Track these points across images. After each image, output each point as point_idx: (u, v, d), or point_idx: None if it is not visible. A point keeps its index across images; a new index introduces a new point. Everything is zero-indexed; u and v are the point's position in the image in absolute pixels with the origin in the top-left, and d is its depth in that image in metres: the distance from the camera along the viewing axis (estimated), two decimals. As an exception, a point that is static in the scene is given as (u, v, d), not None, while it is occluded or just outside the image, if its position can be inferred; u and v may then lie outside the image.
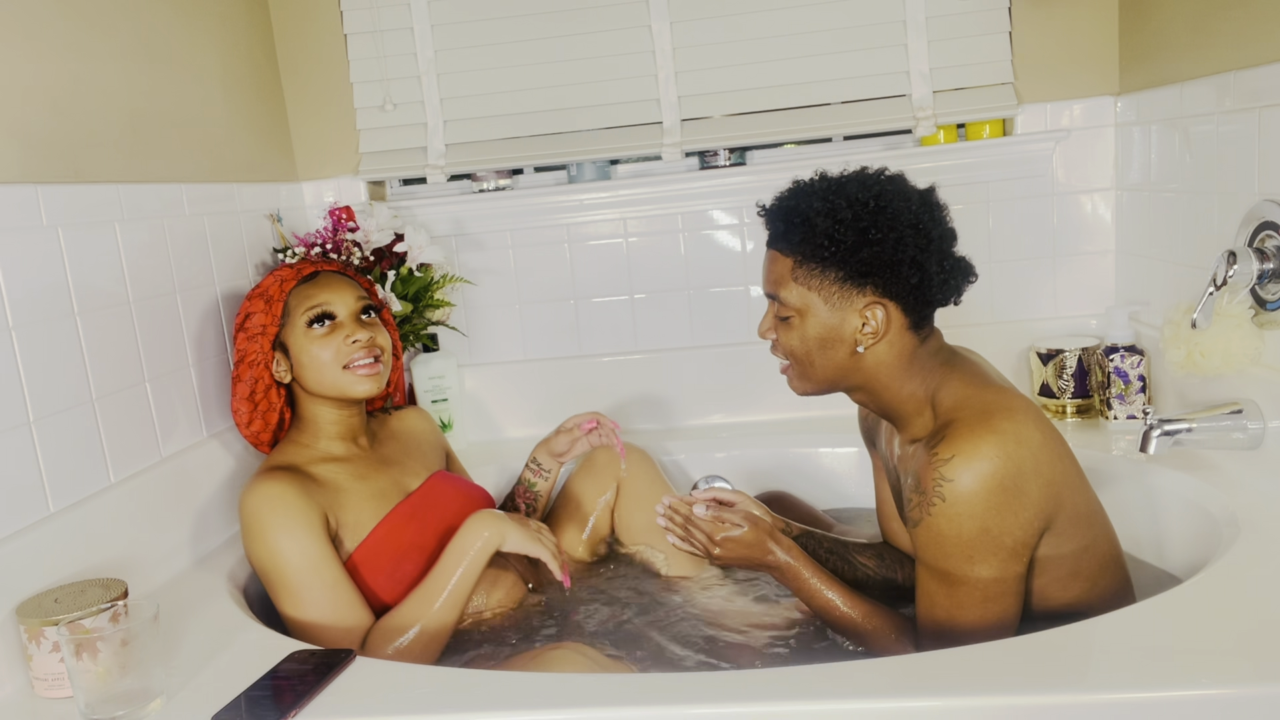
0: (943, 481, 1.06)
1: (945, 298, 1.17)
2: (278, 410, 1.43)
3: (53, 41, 1.29)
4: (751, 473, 1.82)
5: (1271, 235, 1.31)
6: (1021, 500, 1.06)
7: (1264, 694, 0.86)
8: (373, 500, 1.36)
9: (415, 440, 1.55)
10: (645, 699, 0.94)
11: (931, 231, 1.14)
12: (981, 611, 1.09)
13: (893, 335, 1.16)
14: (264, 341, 1.39)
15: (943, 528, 1.07)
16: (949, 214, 1.19)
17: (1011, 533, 1.06)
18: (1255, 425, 1.33)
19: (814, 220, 1.14)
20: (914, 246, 1.12)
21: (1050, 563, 1.12)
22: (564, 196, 1.98)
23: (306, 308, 1.38)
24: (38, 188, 1.21)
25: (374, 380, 1.38)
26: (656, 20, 1.91)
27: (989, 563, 1.07)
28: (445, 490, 1.45)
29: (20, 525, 1.13)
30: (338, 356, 1.36)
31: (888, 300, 1.15)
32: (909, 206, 1.14)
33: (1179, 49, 1.59)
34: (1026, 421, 1.09)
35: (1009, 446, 1.06)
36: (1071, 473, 1.13)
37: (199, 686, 1.03)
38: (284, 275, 1.42)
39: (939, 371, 1.18)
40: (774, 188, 1.92)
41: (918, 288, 1.14)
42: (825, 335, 1.17)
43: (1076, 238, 1.90)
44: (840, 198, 1.14)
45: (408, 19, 1.95)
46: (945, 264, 1.15)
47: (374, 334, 1.39)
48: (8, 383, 1.13)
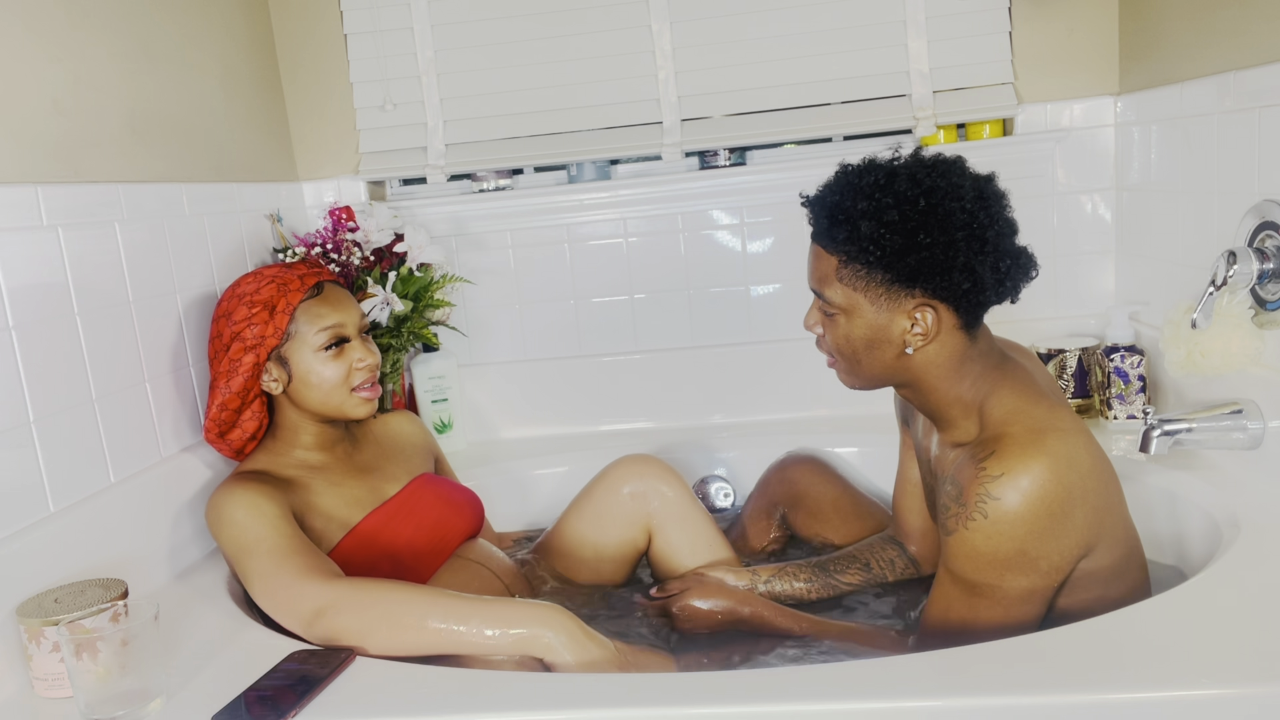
0: (988, 499, 1.03)
1: (1001, 298, 1.12)
2: (259, 419, 1.39)
3: (53, 41, 1.29)
4: (752, 473, 1.82)
5: (1271, 235, 1.31)
6: (1065, 526, 1.03)
7: (1264, 694, 0.86)
8: (345, 508, 1.34)
9: (398, 444, 1.52)
10: (645, 699, 0.94)
11: (986, 233, 1.07)
12: (999, 621, 1.07)
13: (944, 336, 1.12)
14: (261, 353, 1.34)
15: (979, 544, 1.04)
16: (1008, 204, 1.12)
17: (1049, 557, 1.04)
18: (1255, 425, 1.33)
19: (858, 222, 1.08)
20: (966, 251, 1.06)
21: (1080, 583, 1.10)
22: (564, 196, 1.98)
23: (321, 328, 1.35)
24: (38, 188, 1.21)
25: (374, 404, 1.39)
26: (656, 20, 1.91)
27: (1019, 582, 1.05)
28: (425, 495, 1.42)
29: (20, 525, 1.13)
30: (346, 379, 1.35)
31: (938, 302, 1.10)
32: (962, 205, 1.07)
33: (1179, 49, 1.59)
34: (1079, 444, 1.05)
35: (1060, 469, 1.02)
36: (1116, 497, 1.11)
37: (199, 686, 1.03)
38: (288, 285, 1.36)
39: (990, 376, 1.14)
40: (774, 187, 1.94)
41: (970, 292, 1.09)
42: (872, 336, 1.13)
43: (1076, 238, 1.90)
44: (888, 195, 1.08)
45: (408, 19, 1.95)
46: (1001, 265, 1.09)
47: (375, 356, 1.39)
48: (8, 383, 1.13)
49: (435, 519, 1.39)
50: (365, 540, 1.32)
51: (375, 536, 1.33)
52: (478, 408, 2.05)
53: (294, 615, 1.14)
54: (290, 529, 1.22)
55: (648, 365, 2.02)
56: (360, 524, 1.33)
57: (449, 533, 1.40)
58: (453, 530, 1.41)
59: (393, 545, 1.33)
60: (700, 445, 1.89)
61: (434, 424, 1.96)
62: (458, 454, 1.94)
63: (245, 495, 1.24)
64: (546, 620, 1.09)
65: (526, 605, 1.12)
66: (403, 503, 1.39)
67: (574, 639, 1.09)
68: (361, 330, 1.40)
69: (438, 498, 1.43)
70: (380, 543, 1.33)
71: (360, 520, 1.34)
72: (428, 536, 1.37)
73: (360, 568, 1.29)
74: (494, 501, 1.73)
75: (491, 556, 1.43)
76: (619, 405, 2.02)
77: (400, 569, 1.32)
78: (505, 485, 1.84)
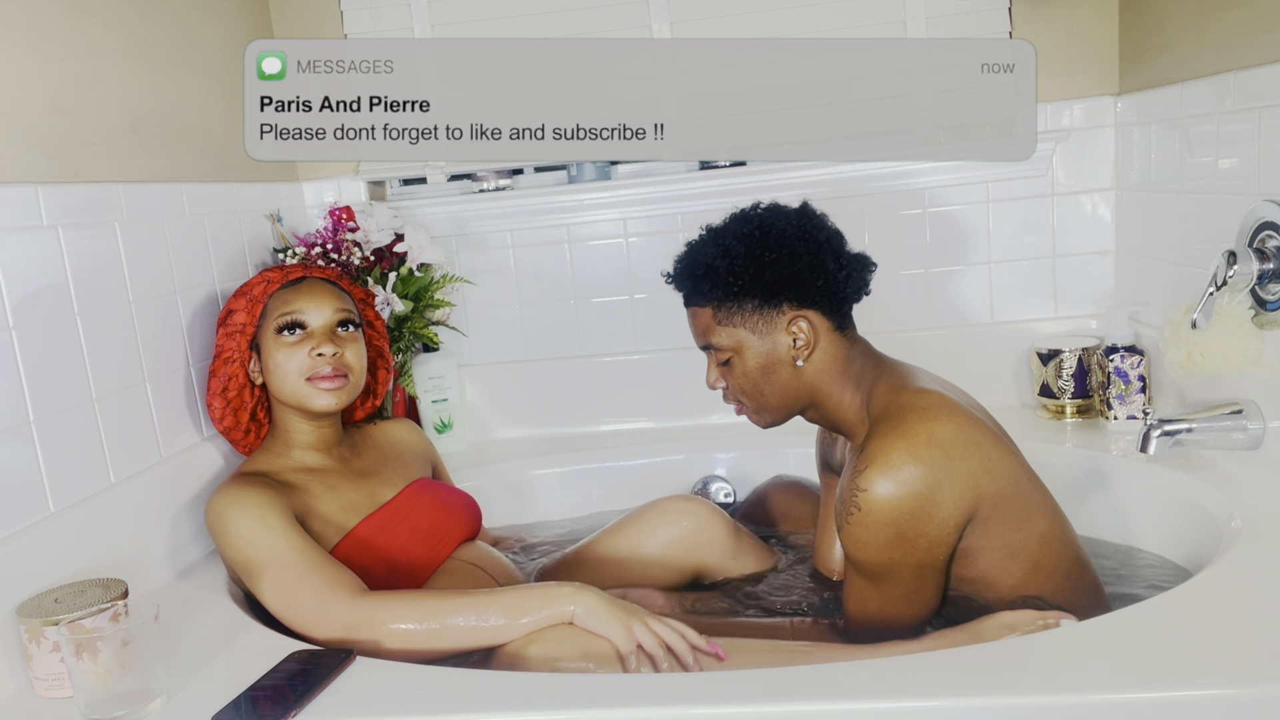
0: (858, 491, 1.12)
1: (856, 291, 1.25)
2: (249, 410, 1.42)
3: (53, 41, 1.29)
4: (750, 474, 1.82)
5: (1271, 235, 1.31)
6: (934, 500, 1.11)
7: (1264, 694, 0.86)
8: (342, 512, 1.34)
9: (396, 451, 1.52)
10: (645, 699, 0.94)
11: (817, 236, 1.22)
12: (906, 604, 1.15)
13: (824, 341, 1.23)
14: (241, 340, 1.38)
15: (860, 535, 1.13)
16: (829, 219, 1.27)
17: (926, 533, 1.11)
18: (1255, 425, 1.33)
19: (714, 265, 1.22)
20: (807, 253, 1.21)
21: (984, 550, 1.15)
22: (564, 196, 1.98)
23: (280, 313, 1.36)
24: (38, 188, 1.21)
25: (334, 396, 1.35)
26: (656, 20, 1.91)
27: (906, 561, 1.13)
28: (420, 500, 1.42)
29: (20, 525, 1.13)
30: (301, 368, 1.34)
31: (806, 310, 1.22)
32: (789, 222, 1.23)
33: (1179, 49, 1.59)
34: (939, 417, 1.13)
35: (918, 449, 1.11)
36: (993, 458, 1.14)
37: (199, 686, 1.03)
38: (271, 276, 1.41)
39: (869, 375, 1.24)
40: (774, 188, 1.94)
41: (825, 289, 1.22)
42: (764, 362, 1.24)
43: (1076, 238, 1.90)
44: (728, 237, 1.23)
45: (408, 19, 1.95)
46: (842, 260, 1.23)
47: (344, 349, 1.36)
48: (8, 383, 1.13)
49: (430, 523, 1.39)
50: (361, 545, 1.31)
51: (371, 541, 1.32)
52: (478, 408, 2.05)
53: (321, 631, 1.14)
54: (300, 540, 1.21)
55: (648, 365, 2.02)
56: (356, 528, 1.33)
57: (445, 537, 1.40)
58: (449, 534, 1.41)
59: (388, 550, 1.33)
60: (700, 445, 1.89)
61: (434, 424, 1.96)
62: (458, 454, 1.94)
63: (248, 503, 1.23)
64: (570, 597, 1.13)
65: (547, 587, 1.15)
66: (399, 507, 1.39)
67: (593, 600, 1.12)
68: (335, 325, 1.37)
69: (434, 502, 1.43)
70: (376, 547, 1.32)
71: (356, 525, 1.33)
72: (423, 541, 1.37)
73: (355, 573, 1.26)
74: (493, 502, 1.73)
75: (486, 557, 1.42)
76: (619, 405, 2.02)
77: (395, 574, 1.31)
78: (505, 485, 1.84)
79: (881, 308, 1.96)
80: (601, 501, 1.86)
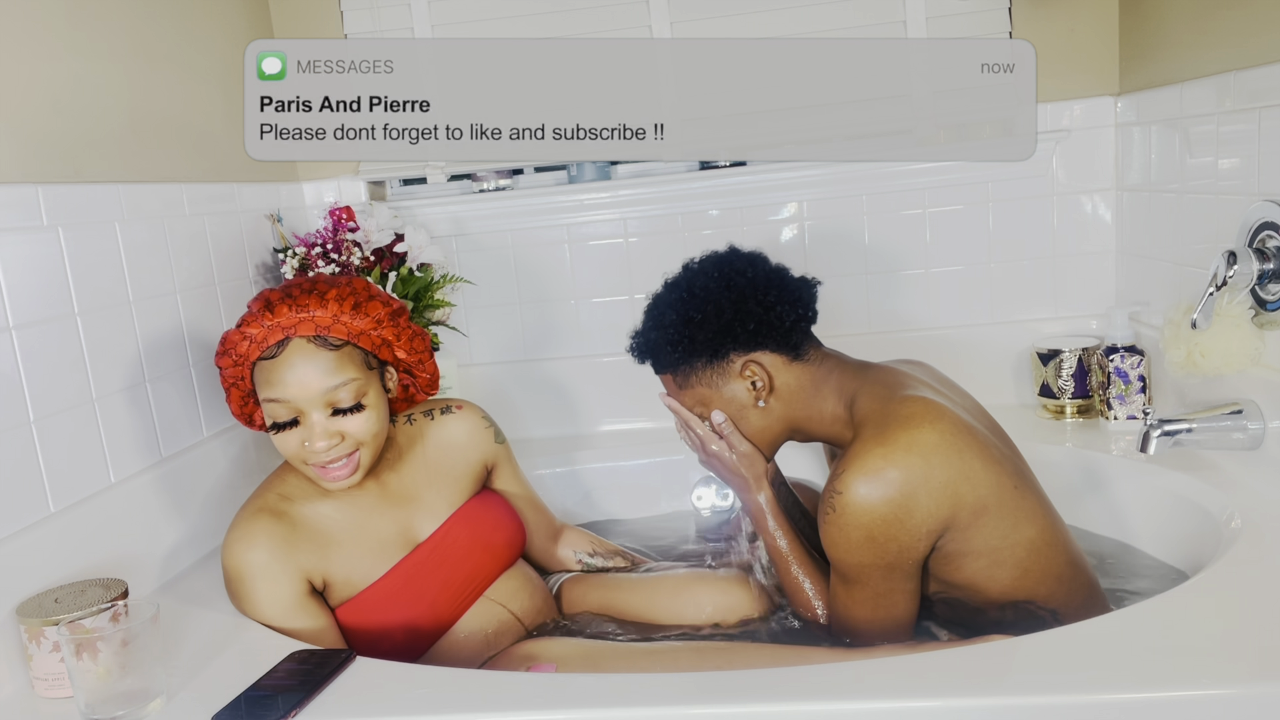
0: (834, 494, 1.13)
1: (798, 317, 1.25)
2: None
3: (53, 41, 1.29)
4: (751, 473, 1.82)
5: (1271, 235, 1.31)
6: (906, 507, 1.11)
7: (1264, 694, 0.86)
8: (369, 555, 1.23)
9: (449, 460, 1.36)
10: (645, 699, 0.94)
11: (738, 282, 1.24)
12: (873, 608, 1.16)
13: (782, 375, 1.25)
14: (238, 392, 1.26)
15: (834, 536, 1.14)
16: (760, 256, 1.29)
17: (897, 538, 1.12)
18: (1255, 425, 1.34)
19: (656, 342, 1.28)
20: (730, 303, 1.23)
21: (967, 556, 1.15)
22: (564, 196, 1.98)
23: (265, 397, 1.18)
24: (38, 188, 1.21)
25: (346, 479, 1.20)
26: (656, 20, 1.91)
27: (876, 563, 1.13)
28: (460, 539, 1.29)
29: (20, 525, 1.13)
30: (299, 456, 1.19)
31: (753, 353, 1.25)
32: (710, 276, 1.26)
33: (1179, 49, 1.59)
34: (922, 424, 1.13)
35: (896, 455, 1.11)
36: (975, 467, 1.14)
37: (199, 686, 1.03)
38: (252, 334, 1.18)
39: (849, 385, 1.25)
40: (774, 187, 1.94)
41: (760, 329, 1.23)
42: (733, 411, 1.27)
43: (1076, 238, 1.90)
44: (659, 309, 1.29)
45: (408, 19, 1.95)
46: (769, 297, 1.24)
47: (344, 429, 1.18)
48: (8, 383, 1.13)
49: (467, 573, 1.28)
50: (383, 596, 1.22)
51: (397, 593, 1.22)
52: (478, 408, 2.05)
53: None
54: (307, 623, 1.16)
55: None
56: (382, 579, 1.22)
57: (479, 582, 1.30)
58: (483, 577, 1.31)
59: (415, 606, 1.23)
60: (700, 445, 1.89)
61: (434, 424, 1.95)
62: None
63: (265, 572, 1.16)
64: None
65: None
66: (433, 549, 1.27)
67: None
68: (331, 403, 1.17)
69: (473, 541, 1.30)
70: (403, 601, 1.22)
71: (382, 575, 1.22)
72: (455, 594, 1.27)
73: (373, 623, 1.20)
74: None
75: (517, 595, 1.33)
76: (619, 405, 2.02)
77: (416, 638, 1.23)
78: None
79: (881, 308, 1.97)
80: (602, 501, 1.86)
